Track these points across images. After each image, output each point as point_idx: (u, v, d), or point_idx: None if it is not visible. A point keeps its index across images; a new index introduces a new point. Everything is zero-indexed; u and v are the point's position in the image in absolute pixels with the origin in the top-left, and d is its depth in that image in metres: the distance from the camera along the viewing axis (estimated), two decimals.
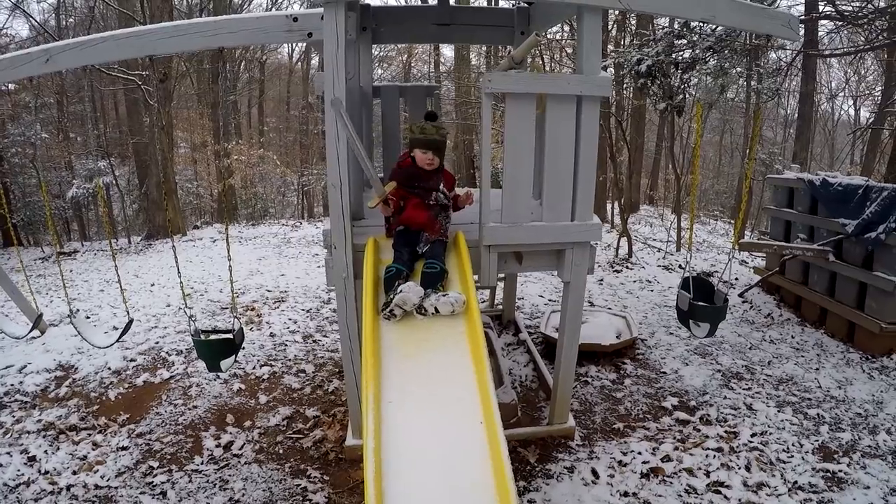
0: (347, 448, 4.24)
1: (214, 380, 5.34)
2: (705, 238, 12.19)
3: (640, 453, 4.23)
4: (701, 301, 4.01)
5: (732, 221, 15.18)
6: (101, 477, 4.03)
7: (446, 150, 3.89)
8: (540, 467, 4.12)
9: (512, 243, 3.78)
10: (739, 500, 3.75)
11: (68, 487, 3.93)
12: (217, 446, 4.40)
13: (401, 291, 3.08)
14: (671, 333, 6.28)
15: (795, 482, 3.88)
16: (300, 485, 3.98)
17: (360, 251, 3.61)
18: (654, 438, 4.42)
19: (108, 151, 19.22)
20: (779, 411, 4.70)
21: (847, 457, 4.12)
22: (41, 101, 18.42)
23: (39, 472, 4.09)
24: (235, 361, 4.33)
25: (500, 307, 6.91)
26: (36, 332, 5.59)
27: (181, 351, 5.97)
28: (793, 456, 4.15)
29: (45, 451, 4.31)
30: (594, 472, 4.05)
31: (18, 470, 4.09)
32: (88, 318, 7.15)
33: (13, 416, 4.76)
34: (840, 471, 3.97)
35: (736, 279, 8.07)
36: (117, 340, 4.76)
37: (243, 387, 5.25)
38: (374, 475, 2.35)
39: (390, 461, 2.44)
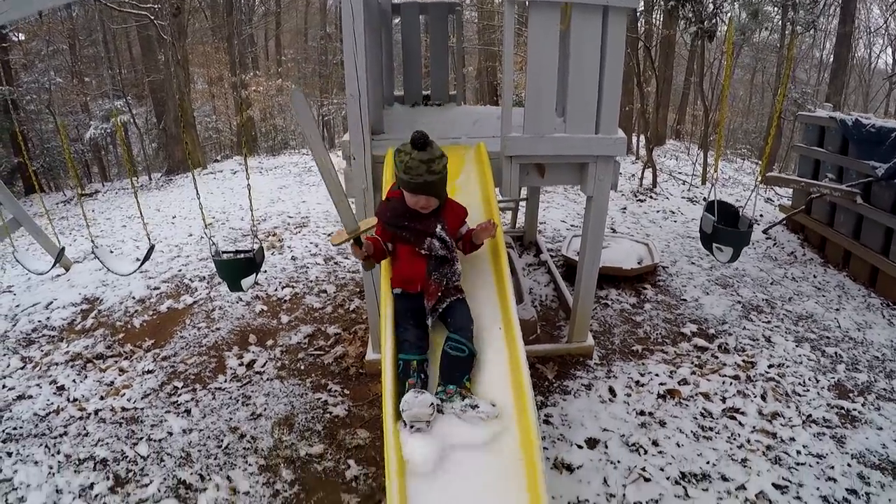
0: (368, 362, 4.29)
1: (237, 302, 5.39)
2: (731, 175, 11.95)
3: (657, 375, 4.24)
4: (725, 226, 3.92)
5: (759, 162, 14.87)
6: (128, 400, 4.12)
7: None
8: (558, 384, 4.15)
9: (534, 154, 3.70)
10: (754, 427, 3.76)
11: (96, 412, 4.01)
12: (240, 365, 4.47)
13: (405, 405, 2.29)
14: (693, 263, 6.21)
15: (810, 415, 3.87)
16: (321, 398, 4.05)
17: (379, 163, 3.56)
18: (672, 362, 4.42)
19: (124, 91, 19.08)
20: (797, 346, 4.66)
21: (862, 397, 4.09)
22: (53, 47, 18.30)
23: (68, 399, 4.17)
24: (256, 281, 4.36)
25: (522, 229, 6.88)
26: (60, 269, 5.77)
27: (204, 277, 6.02)
28: (808, 390, 4.13)
29: (73, 381, 4.39)
30: (611, 391, 4.07)
31: (48, 400, 4.18)
32: (112, 251, 7.20)
33: (42, 351, 4.84)
34: (854, 409, 3.94)
35: (761, 216, 7.93)
36: (139, 267, 4.82)
37: (265, 308, 5.30)
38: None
39: None
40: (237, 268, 4.09)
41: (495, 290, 2.88)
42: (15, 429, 3.86)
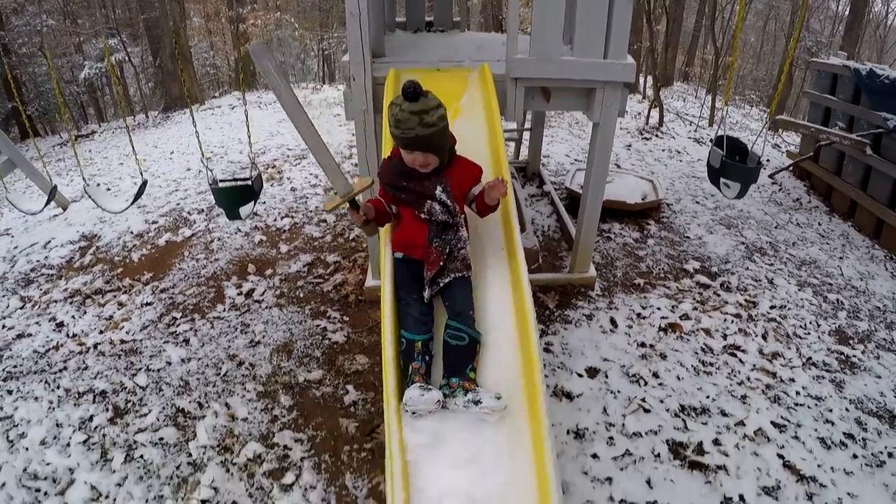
0: (367, 289, 4.27)
1: (236, 233, 5.35)
2: (739, 120, 11.74)
3: (658, 308, 4.21)
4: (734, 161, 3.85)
5: (767, 109, 14.63)
6: (127, 332, 4.11)
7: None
8: (559, 313, 4.13)
9: (540, 77, 3.58)
10: (754, 365, 3.75)
11: (95, 346, 4.01)
12: (238, 294, 4.46)
13: (409, 402, 2.13)
14: (697, 202, 6.13)
15: (810, 358, 3.86)
16: (320, 325, 4.04)
17: (380, 84, 3.44)
18: (674, 297, 4.39)
19: (118, 30, 18.65)
20: (799, 290, 4.62)
21: (862, 344, 4.06)
22: None
23: (67, 335, 4.16)
24: (255, 211, 4.28)
25: (525, 160, 6.77)
26: (58, 209, 5.70)
27: (202, 210, 5.95)
28: (809, 333, 4.11)
29: (73, 317, 4.37)
30: (612, 322, 4.06)
31: (47, 337, 4.16)
32: (109, 189, 7.13)
33: (40, 290, 4.81)
34: (854, 356, 3.92)
35: (767, 160, 7.77)
36: (132, 203, 4.76)
37: (264, 238, 5.27)
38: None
39: None
40: (235, 195, 4.05)
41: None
42: (15, 367, 3.85)
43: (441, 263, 2.42)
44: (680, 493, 2.88)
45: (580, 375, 3.55)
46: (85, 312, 4.41)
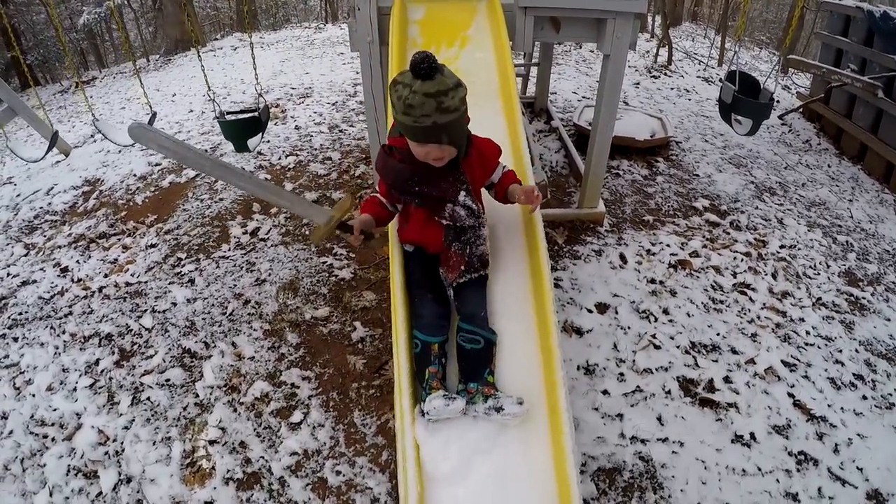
0: None
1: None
2: (748, 61, 11.48)
3: (668, 245, 4.16)
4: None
5: (777, 52, 14.35)
6: (132, 275, 4.07)
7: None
8: (567, 248, 4.08)
9: (550, 6, 3.45)
10: (764, 304, 3.71)
11: (100, 289, 3.97)
12: (244, 233, 4.40)
13: (432, 412, 1.95)
14: (707, 141, 6.02)
15: (819, 298, 3.82)
16: (326, 262, 3.99)
17: (385, 14, 3.32)
18: (684, 234, 4.34)
19: None
20: (809, 230, 4.57)
21: (871, 287, 4.01)
22: None
23: (72, 280, 4.12)
24: (262, 141, 4.22)
25: (533, 95, 6.62)
26: (60, 156, 5.69)
27: (206, 150, 5.86)
28: (819, 273, 4.06)
29: (77, 262, 4.32)
30: (622, 257, 4.01)
31: (52, 283, 4.12)
32: (119, 124, 7.02)
33: (44, 236, 4.75)
34: (864, 298, 3.88)
35: (777, 101, 7.62)
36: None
37: (269, 176, 5.20)
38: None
39: None
40: (242, 127, 4.02)
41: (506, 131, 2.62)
42: (20, 314, 3.82)
43: (462, 268, 2.17)
44: (691, 430, 2.87)
45: (590, 311, 3.52)
46: (89, 257, 4.36)
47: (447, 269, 2.19)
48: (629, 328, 3.40)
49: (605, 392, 3.02)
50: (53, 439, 2.92)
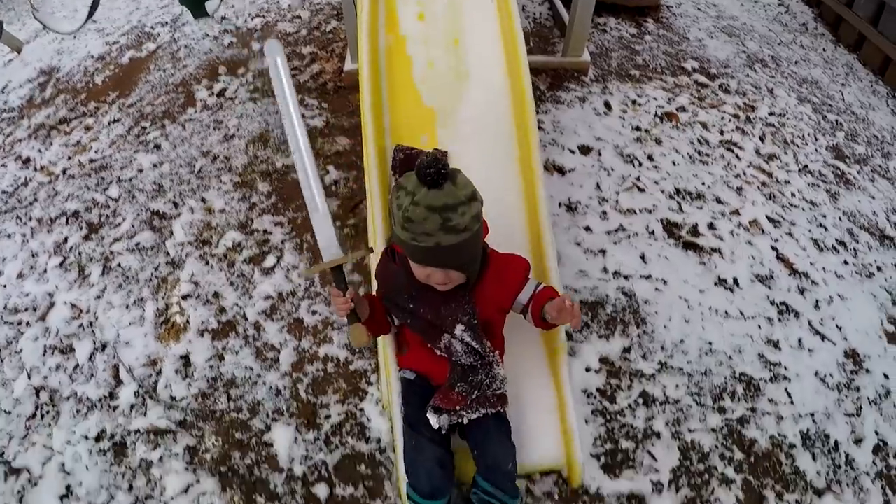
0: (347, 73, 4.09)
1: (203, 38, 5.00)
2: None
3: (655, 98, 4.02)
4: None
5: None
6: (95, 152, 3.91)
7: None
8: (550, 94, 3.93)
9: None
10: (750, 162, 3.62)
11: (64, 171, 3.82)
12: (210, 95, 4.23)
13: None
14: (699, 9, 5.75)
15: (806, 166, 3.72)
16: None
17: None
18: (671, 90, 4.18)
19: None
20: (799, 104, 4.40)
21: (858, 165, 3.91)
22: None
23: (35, 169, 3.95)
24: (221, 6, 4.13)
25: None
26: (12, 53, 5.47)
27: (166, 22, 5.49)
28: (807, 144, 3.94)
29: (39, 151, 4.12)
30: (607, 105, 3.87)
31: (15, 175, 3.93)
32: (63, 16, 6.46)
33: (3, 134, 4.49)
34: (850, 173, 3.79)
35: None
36: (86, 21, 4.51)
37: (235, 40, 4.93)
38: None
39: None
40: None
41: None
42: None
43: (461, 405, 1.74)
44: (674, 270, 2.83)
45: (572, 152, 3.39)
46: (51, 144, 4.17)
47: (445, 401, 1.75)
48: (613, 170, 3.29)
49: (587, 228, 2.96)
50: (28, 323, 2.84)
